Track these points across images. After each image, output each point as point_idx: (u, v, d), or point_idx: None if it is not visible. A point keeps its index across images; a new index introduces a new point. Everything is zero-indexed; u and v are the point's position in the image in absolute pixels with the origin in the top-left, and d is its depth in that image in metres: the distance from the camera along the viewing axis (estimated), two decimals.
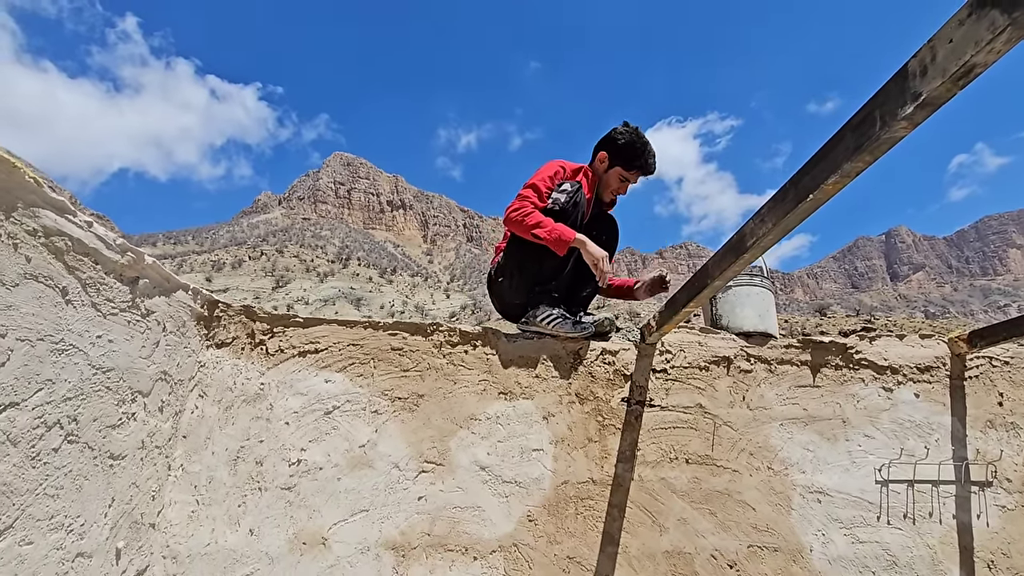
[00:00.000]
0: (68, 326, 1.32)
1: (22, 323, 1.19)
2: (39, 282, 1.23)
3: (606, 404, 2.03)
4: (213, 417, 1.87)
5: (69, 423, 1.33)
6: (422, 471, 1.90)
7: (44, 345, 1.24)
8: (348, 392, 1.95)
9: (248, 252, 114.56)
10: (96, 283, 1.41)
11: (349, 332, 2.03)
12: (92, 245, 1.39)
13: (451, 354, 2.05)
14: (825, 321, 40.56)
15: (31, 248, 1.21)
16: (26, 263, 1.20)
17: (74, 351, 1.34)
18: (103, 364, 1.44)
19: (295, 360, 1.98)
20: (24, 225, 1.20)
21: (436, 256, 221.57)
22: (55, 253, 1.28)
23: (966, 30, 0.72)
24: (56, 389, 1.28)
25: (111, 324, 1.47)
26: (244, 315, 2.02)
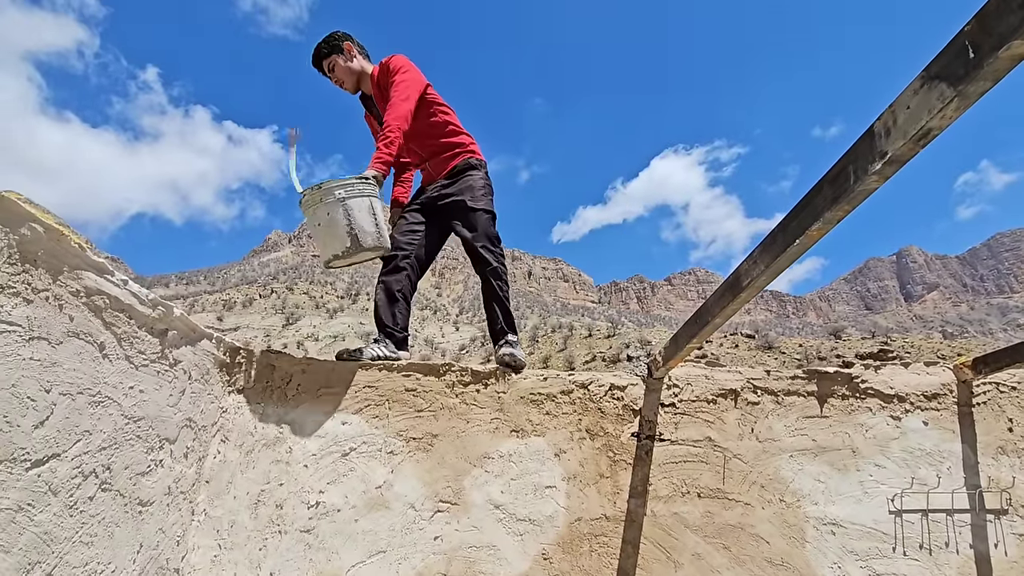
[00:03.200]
0: (104, 379, 1.40)
1: (64, 378, 1.27)
2: (80, 339, 1.32)
3: (616, 439, 2.07)
4: (235, 462, 1.93)
5: (103, 472, 1.40)
6: (438, 511, 1.93)
7: (83, 398, 1.33)
8: (364, 433, 2.01)
9: (259, 290, 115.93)
10: (130, 337, 1.50)
11: (364, 375, 2.10)
12: (127, 301, 1.48)
13: (463, 393, 2.10)
14: (840, 344, 40.19)
15: (74, 308, 1.31)
16: (69, 322, 1.29)
17: (109, 402, 1.42)
18: (135, 414, 1.52)
19: (312, 403, 2.04)
20: (69, 287, 1.29)
21: (444, 289, 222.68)
22: (94, 311, 1.38)
23: (920, 98, 0.81)
24: (93, 439, 1.36)
25: (142, 375, 1.55)
26: (263, 360, 2.10)
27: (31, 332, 1.18)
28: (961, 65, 0.73)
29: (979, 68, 0.70)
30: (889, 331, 70.02)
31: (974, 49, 0.71)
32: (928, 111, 0.78)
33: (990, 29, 0.69)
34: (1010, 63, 0.69)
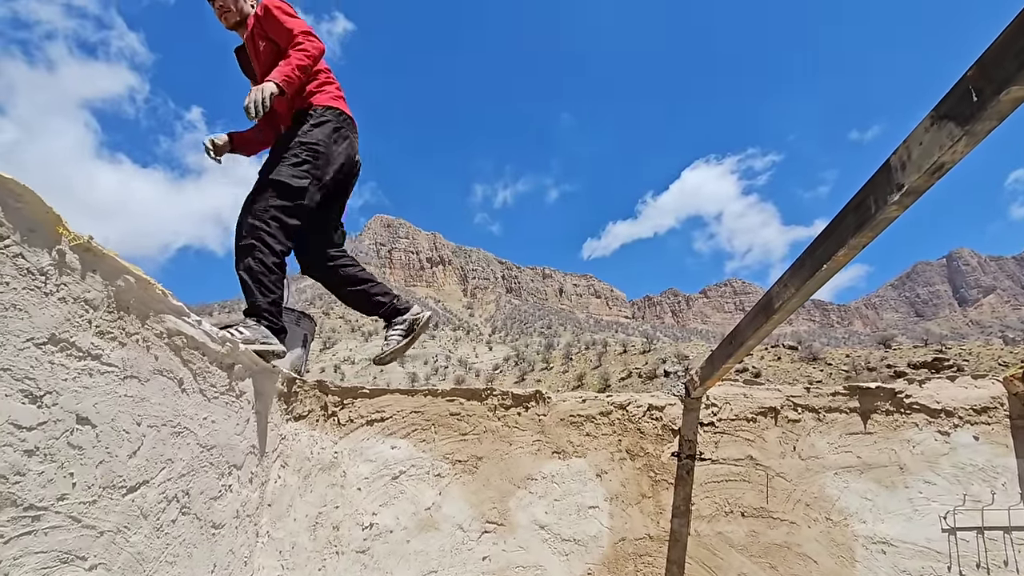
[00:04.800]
0: (183, 411, 1.55)
1: (152, 412, 1.42)
2: (164, 376, 1.47)
3: (657, 459, 2.10)
4: (294, 486, 2.05)
5: (183, 497, 1.53)
6: (485, 531, 2.00)
7: (166, 429, 1.47)
8: (412, 457, 2.11)
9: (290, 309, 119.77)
10: (203, 372, 1.65)
11: (411, 400, 2.21)
12: (201, 340, 1.63)
13: (505, 416, 2.18)
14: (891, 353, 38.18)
15: (159, 348, 1.46)
16: (155, 361, 1.44)
17: (187, 433, 1.56)
18: (208, 442, 1.65)
19: (364, 429, 2.16)
20: (154, 329, 1.45)
21: (476, 309, 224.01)
22: (175, 350, 1.53)
23: (931, 136, 0.86)
24: (174, 467, 1.50)
25: (214, 407, 1.69)
26: (317, 389, 2.23)
27: (125, 372, 1.33)
28: (967, 107, 0.79)
29: (983, 110, 0.76)
30: (943, 338, 66.11)
31: (977, 93, 0.77)
32: (939, 147, 0.84)
33: (991, 75, 0.75)
34: (1012, 105, 0.75)
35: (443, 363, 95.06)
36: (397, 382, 78.18)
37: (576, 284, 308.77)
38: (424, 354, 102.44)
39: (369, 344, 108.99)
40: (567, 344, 78.00)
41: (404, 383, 76.79)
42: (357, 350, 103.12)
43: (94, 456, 1.22)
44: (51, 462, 1.11)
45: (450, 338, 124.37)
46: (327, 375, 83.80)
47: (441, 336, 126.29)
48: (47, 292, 1.12)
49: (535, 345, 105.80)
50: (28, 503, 1.05)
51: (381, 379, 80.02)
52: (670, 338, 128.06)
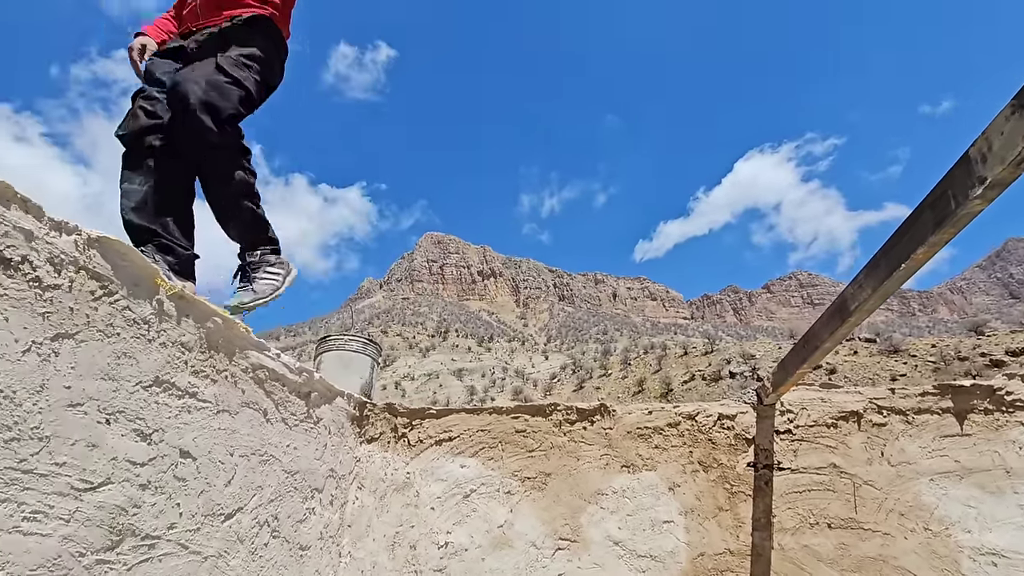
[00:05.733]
0: (268, 440, 1.65)
1: (242, 442, 1.52)
2: (250, 408, 1.58)
3: (731, 470, 2.03)
4: (371, 506, 2.13)
5: (273, 521, 1.63)
6: (558, 548, 2.00)
7: (255, 458, 1.57)
8: (482, 475, 2.14)
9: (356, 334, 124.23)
10: (284, 402, 1.75)
11: (477, 419, 2.25)
12: (280, 371, 1.74)
13: (571, 431, 2.18)
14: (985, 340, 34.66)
15: (245, 382, 1.57)
16: (242, 394, 1.55)
17: (273, 460, 1.66)
18: (292, 468, 1.75)
19: (433, 448, 2.22)
20: (240, 365, 1.56)
21: (530, 319, 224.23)
22: (258, 383, 1.64)
23: (1012, 125, 0.81)
24: (264, 493, 1.60)
25: (295, 434, 1.80)
26: (387, 411, 2.31)
27: (218, 406, 1.44)
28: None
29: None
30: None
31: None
32: (1022, 137, 0.79)
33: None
34: None
35: (500, 375, 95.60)
36: (456, 395, 79.30)
37: (630, 287, 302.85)
38: (481, 367, 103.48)
39: (427, 359, 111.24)
40: (624, 349, 76.61)
41: (462, 396, 77.77)
42: (416, 366, 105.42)
43: (196, 487, 1.32)
44: (161, 494, 1.21)
45: (506, 349, 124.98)
46: (388, 392, 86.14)
47: (497, 348, 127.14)
48: (150, 339, 1.24)
49: (591, 352, 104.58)
50: (145, 533, 1.15)
51: (441, 394, 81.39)
52: (733, 337, 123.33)
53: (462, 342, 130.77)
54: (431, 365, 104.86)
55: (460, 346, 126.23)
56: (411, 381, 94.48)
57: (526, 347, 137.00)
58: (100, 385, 1.09)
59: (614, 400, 47.97)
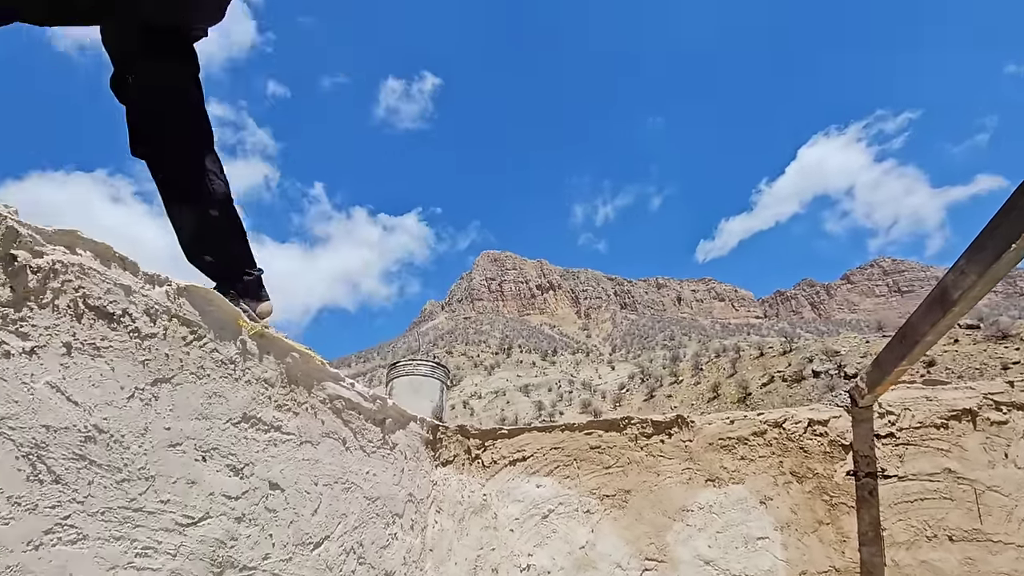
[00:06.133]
0: (349, 468, 1.70)
1: (325, 471, 1.57)
2: (331, 437, 1.63)
3: (829, 480, 1.88)
4: (450, 530, 2.14)
5: (359, 548, 1.66)
6: (645, 569, 1.92)
7: (338, 486, 1.62)
8: (559, 495, 2.10)
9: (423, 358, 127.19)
10: (361, 430, 1.80)
11: (549, 437, 2.21)
12: (356, 400, 1.79)
13: (648, 446, 2.10)
14: None
15: (324, 413, 1.62)
16: (322, 425, 1.61)
17: (354, 487, 1.70)
18: (372, 495, 1.79)
19: (508, 469, 2.20)
20: (318, 396, 1.62)
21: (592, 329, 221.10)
22: (336, 412, 1.69)
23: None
24: (348, 521, 1.64)
25: (373, 461, 1.84)
26: (460, 433, 2.33)
27: (301, 438, 1.50)
28: None
29: None
30: None
31: None
32: None
33: None
34: None
35: (567, 388, 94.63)
36: (524, 412, 79.11)
37: (695, 290, 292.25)
38: (547, 381, 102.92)
39: (492, 377, 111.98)
40: (695, 354, 73.78)
41: (530, 412, 77.48)
42: (482, 385, 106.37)
43: (286, 517, 1.37)
44: (255, 526, 1.27)
45: (570, 362, 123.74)
46: (457, 411, 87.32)
47: (561, 361, 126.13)
48: (237, 377, 1.31)
49: (659, 359, 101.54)
50: (242, 564, 1.21)
51: (509, 411, 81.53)
52: (813, 334, 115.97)
53: (526, 357, 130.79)
54: (497, 383, 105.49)
55: (524, 362, 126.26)
56: (479, 400, 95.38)
57: (591, 358, 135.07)
58: (195, 424, 1.16)
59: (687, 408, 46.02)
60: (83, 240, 1.00)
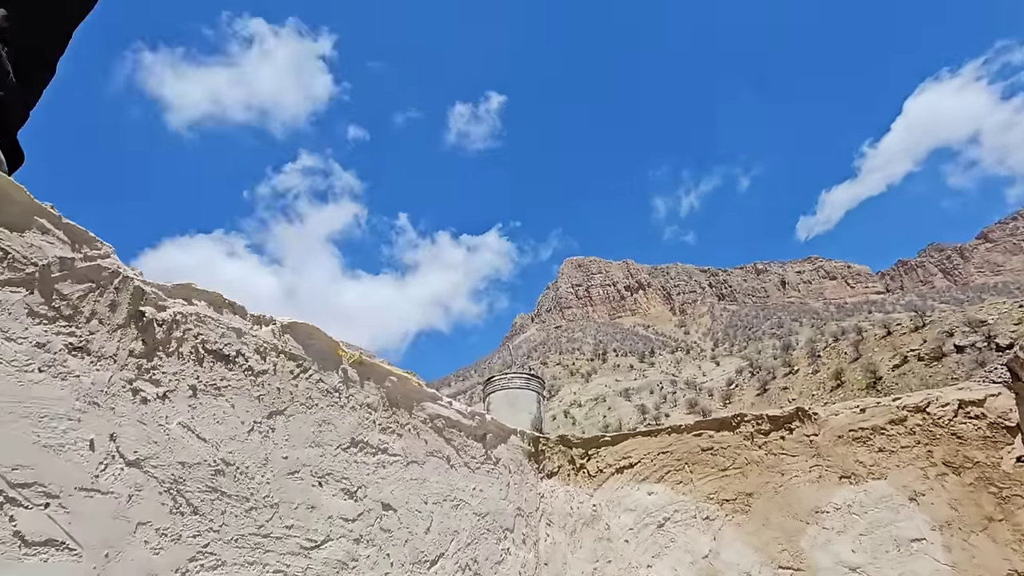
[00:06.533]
0: (456, 485, 1.72)
1: (432, 490, 1.60)
2: (435, 456, 1.66)
3: (995, 469, 1.61)
4: (563, 543, 2.10)
5: (473, 564, 1.67)
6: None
7: (447, 504, 1.64)
8: (673, 501, 1.98)
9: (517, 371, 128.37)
10: (463, 446, 1.83)
11: (655, 441, 2.11)
12: (455, 418, 1.82)
13: (766, 443, 1.93)
14: None
15: (426, 432, 1.66)
16: (425, 444, 1.64)
17: (463, 504, 1.72)
18: (481, 510, 1.80)
19: (615, 477, 2.12)
20: (419, 417, 1.66)
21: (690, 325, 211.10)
22: (437, 431, 1.73)
23: None
24: (460, 538, 1.65)
25: (478, 477, 1.85)
26: (561, 444, 2.29)
27: (407, 458, 1.54)
28: None
29: None
30: None
31: None
32: None
33: None
34: None
35: (670, 389, 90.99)
36: (627, 416, 77.12)
37: (800, 271, 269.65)
38: (647, 383, 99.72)
39: (591, 384, 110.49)
40: (809, 340, 67.97)
41: (634, 416, 75.35)
42: (580, 392, 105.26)
43: (400, 536, 1.41)
44: (372, 546, 1.31)
45: (670, 361, 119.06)
46: (558, 421, 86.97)
47: (660, 361, 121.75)
48: (342, 405, 1.37)
49: (769, 350, 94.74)
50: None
51: (611, 416, 79.86)
52: (949, 304, 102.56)
53: (623, 361, 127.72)
54: (596, 389, 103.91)
55: (621, 365, 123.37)
56: (579, 408, 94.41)
57: (692, 356, 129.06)
58: (309, 452, 1.23)
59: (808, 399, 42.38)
60: (197, 291, 1.11)
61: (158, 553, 0.89)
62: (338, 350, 1.42)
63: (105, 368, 0.90)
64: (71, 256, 0.89)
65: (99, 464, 0.85)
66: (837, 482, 1.78)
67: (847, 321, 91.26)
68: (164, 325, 1.01)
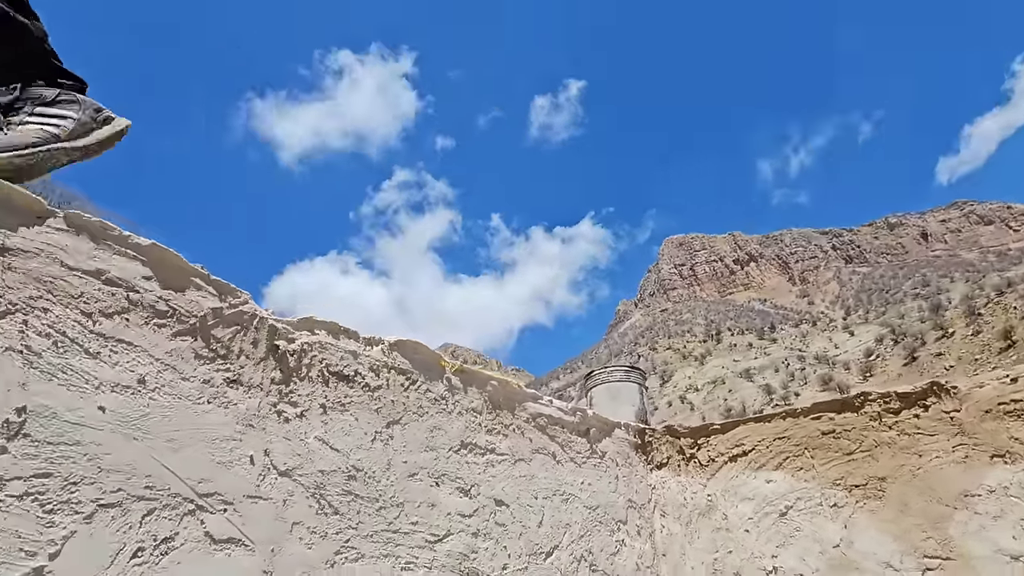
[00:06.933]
0: (563, 480, 1.79)
1: (541, 485, 1.68)
2: (541, 453, 1.75)
3: None
4: (679, 533, 2.08)
5: (588, 556, 1.73)
6: (927, 568, 1.61)
7: (557, 498, 1.72)
8: (794, 489, 1.89)
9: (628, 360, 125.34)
10: (568, 443, 1.89)
11: (768, 426, 2.02)
12: (557, 415, 1.89)
13: (897, 423, 1.78)
14: None
15: (530, 431, 1.75)
16: (530, 443, 1.73)
17: (572, 498, 1.79)
18: (591, 504, 1.85)
19: (728, 466, 2.07)
20: (521, 416, 1.75)
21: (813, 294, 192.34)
22: (541, 429, 1.81)
23: None
24: (572, 530, 1.72)
25: (585, 471, 1.90)
26: (669, 434, 2.27)
27: (514, 457, 1.64)
28: None
29: None
30: None
31: None
32: None
33: None
34: None
35: (797, 366, 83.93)
36: (750, 398, 72.37)
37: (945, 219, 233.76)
38: (771, 361, 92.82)
39: (706, 367, 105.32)
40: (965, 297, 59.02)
41: (758, 398, 70.53)
42: (696, 376, 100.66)
43: (515, 530, 1.51)
44: (489, 539, 1.42)
45: (794, 336, 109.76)
46: (675, 408, 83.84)
47: (783, 336, 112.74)
48: (449, 411, 1.50)
49: (913, 313, 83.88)
50: (485, 574, 1.37)
51: (733, 399, 75.49)
52: None
53: (739, 340, 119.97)
54: (713, 371, 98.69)
55: (738, 344, 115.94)
56: (696, 392, 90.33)
57: (819, 327, 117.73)
58: (424, 456, 1.37)
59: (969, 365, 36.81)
60: (317, 322, 1.28)
61: (311, 548, 1.05)
62: (440, 361, 1.55)
63: (254, 395, 1.09)
64: (220, 306, 1.09)
65: (259, 475, 1.03)
66: (988, 462, 1.60)
67: (1013, 271, 77.97)
68: (295, 355, 1.19)
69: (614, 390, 2.67)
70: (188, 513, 0.92)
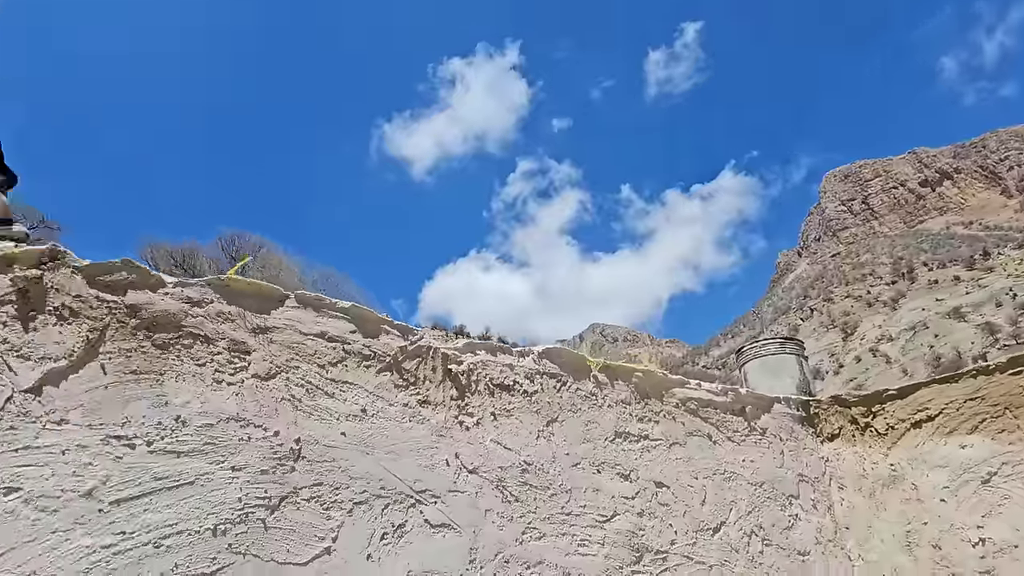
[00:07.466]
0: (723, 459, 1.85)
1: (700, 466, 1.77)
2: (696, 436, 1.83)
3: None
4: (862, 506, 2.00)
5: (759, 530, 1.77)
6: None
7: (718, 478, 1.79)
8: (996, 453, 1.71)
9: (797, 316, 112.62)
10: (723, 423, 1.93)
11: (956, 388, 1.85)
12: (707, 397, 1.95)
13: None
14: None
15: (681, 415, 1.84)
16: (683, 426, 1.82)
17: (735, 476, 1.84)
18: (756, 480, 1.88)
19: (912, 433, 1.93)
20: (671, 402, 1.85)
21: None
22: (692, 412, 1.88)
23: None
24: (739, 507, 1.78)
25: (745, 448, 1.93)
26: (836, 404, 2.17)
27: (668, 441, 1.75)
28: None
29: None
30: None
31: None
32: None
33: None
34: None
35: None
36: (966, 341, 60.71)
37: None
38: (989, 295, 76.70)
39: (900, 312, 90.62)
40: None
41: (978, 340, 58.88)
42: (888, 324, 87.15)
43: (678, 509, 1.63)
44: (654, 518, 1.56)
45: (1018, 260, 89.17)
46: (865, 364, 73.57)
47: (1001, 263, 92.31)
48: (600, 405, 1.66)
49: None
50: (656, 549, 1.51)
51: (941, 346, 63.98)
52: None
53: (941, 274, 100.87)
54: (910, 316, 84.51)
55: (941, 280, 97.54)
56: (890, 343, 78.22)
57: None
58: (584, 447, 1.55)
59: None
60: (477, 343, 1.54)
61: (502, 529, 1.30)
62: (585, 360, 1.72)
63: (440, 411, 1.37)
64: (404, 343, 1.39)
65: (455, 474, 1.31)
66: None
67: None
68: (464, 374, 1.45)
69: (770, 364, 2.59)
70: (411, 506, 1.22)
